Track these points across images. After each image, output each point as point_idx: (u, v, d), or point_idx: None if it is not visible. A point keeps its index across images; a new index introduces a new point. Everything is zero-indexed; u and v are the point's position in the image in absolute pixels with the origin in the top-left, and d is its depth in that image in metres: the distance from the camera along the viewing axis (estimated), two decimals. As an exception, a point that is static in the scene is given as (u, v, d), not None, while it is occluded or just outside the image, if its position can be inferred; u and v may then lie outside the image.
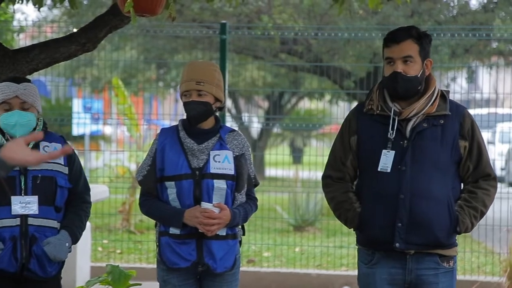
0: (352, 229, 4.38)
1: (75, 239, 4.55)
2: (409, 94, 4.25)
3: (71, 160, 4.57)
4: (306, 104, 25.28)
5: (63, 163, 4.54)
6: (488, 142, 20.57)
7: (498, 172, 19.58)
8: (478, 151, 4.29)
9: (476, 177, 4.29)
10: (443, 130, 4.24)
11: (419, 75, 4.25)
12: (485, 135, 20.70)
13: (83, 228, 4.60)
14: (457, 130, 4.25)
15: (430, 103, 4.26)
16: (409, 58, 4.23)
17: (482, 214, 4.28)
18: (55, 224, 4.51)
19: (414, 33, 4.27)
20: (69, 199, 4.57)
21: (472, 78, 15.27)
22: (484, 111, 19.82)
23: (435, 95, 4.27)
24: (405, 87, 4.23)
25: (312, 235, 11.65)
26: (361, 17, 13.27)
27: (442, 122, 4.25)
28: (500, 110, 21.93)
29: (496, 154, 19.86)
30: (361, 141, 4.31)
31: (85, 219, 4.62)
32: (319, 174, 4.51)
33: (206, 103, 4.47)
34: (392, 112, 4.24)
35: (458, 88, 17.89)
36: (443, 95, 4.30)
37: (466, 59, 14.26)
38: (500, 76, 12.35)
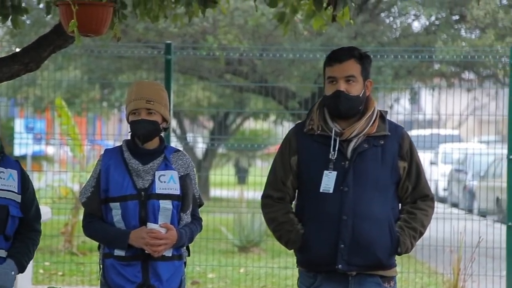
0: (292, 250, 4.36)
1: (21, 267, 4.46)
2: (350, 114, 4.25)
3: (25, 187, 4.47)
4: (251, 124, 25.32)
5: (16, 191, 4.45)
6: (431, 163, 20.80)
7: (441, 193, 19.80)
8: (416, 172, 4.29)
9: (415, 197, 4.29)
10: (383, 150, 4.25)
11: (360, 95, 4.25)
12: (428, 156, 21.01)
13: (30, 257, 4.51)
14: (396, 150, 4.26)
15: (370, 123, 4.26)
16: (352, 77, 4.24)
17: (421, 234, 4.28)
18: (2, 253, 4.42)
19: (356, 54, 4.29)
20: (18, 227, 4.49)
21: (415, 99, 15.43)
22: (426, 132, 20.06)
23: (374, 115, 4.28)
24: (347, 106, 4.23)
25: (257, 255, 11.64)
26: (305, 38, 13.36)
27: (382, 142, 4.25)
28: (442, 131, 22.22)
29: (439, 175, 20.06)
30: (301, 162, 4.29)
31: (33, 248, 4.53)
32: (264, 195, 4.47)
33: (155, 122, 4.44)
34: (333, 133, 4.25)
35: (401, 109, 18.06)
36: (382, 116, 4.32)
37: (409, 80, 14.43)
38: (442, 97, 12.50)
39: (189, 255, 4.60)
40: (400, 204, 4.34)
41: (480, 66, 13.96)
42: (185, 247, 4.55)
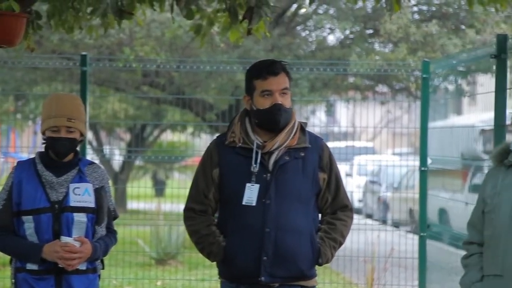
0: (210, 262, 4.38)
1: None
2: (284, 126, 4.29)
3: None
4: (168, 136, 25.25)
5: None
6: (346, 175, 21.05)
7: (356, 204, 20.05)
8: (336, 183, 4.35)
9: (334, 208, 4.35)
10: (304, 162, 4.29)
11: (291, 107, 4.32)
12: (343, 167, 21.27)
13: None
14: (316, 162, 4.31)
15: (291, 135, 4.30)
16: (286, 90, 4.28)
17: (341, 244, 4.36)
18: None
19: (284, 66, 4.34)
20: None
21: (330, 111, 15.63)
22: (342, 144, 20.31)
23: (295, 127, 4.33)
24: (285, 119, 4.27)
25: (174, 268, 11.60)
26: (222, 50, 13.41)
27: (303, 154, 4.30)
28: (357, 143, 22.52)
29: (354, 186, 20.33)
30: (223, 174, 4.31)
31: None
32: (182, 207, 4.50)
33: (74, 139, 4.44)
34: (254, 145, 4.27)
35: (317, 121, 18.26)
36: (302, 128, 4.36)
37: (324, 93, 14.60)
38: (357, 110, 12.69)
39: (103, 268, 4.58)
40: (320, 215, 4.39)
41: (393, 79, 14.22)
42: (99, 260, 4.53)
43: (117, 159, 20.36)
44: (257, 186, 4.24)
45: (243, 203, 4.24)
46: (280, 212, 4.24)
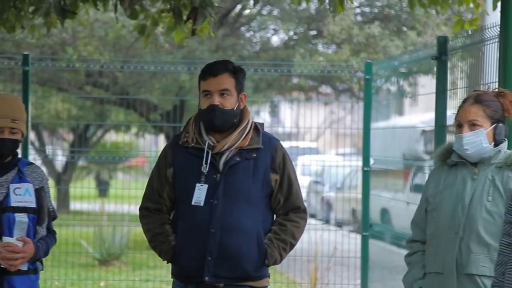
0: (166, 261, 4.40)
1: None
2: (225, 127, 4.29)
3: None
4: (112, 136, 25.10)
5: None
6: (291, 175, 21.10)
7: (300, 204, 20.11)
8: (288, 184, 4.34)
9: (287, 209, 4.35)
10: (255, 163, 4.29)
11: (235, 108, 4.29)
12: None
13: None
14: (268, 163, 4.30)
15: (243, 136, 4.30)
16: (226, 91, 4.27)
17: (292, 246, 4.35)
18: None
19: (230, 67, 4.33)
20: None
21: (274, 112, 15.69)
22: (286, 144, 20.27)
23: (248, 128, 4.32)
24: (222, 120, 4.27)
25: (118, 269, 11.55)
26: (166, 50, 13.39)
27: (255, 155, 4.29)
28: (301, 144, 22.60)
29: (298, 187, 20.38)
30: (176, 174, 4.32)
31: None
32: (126, 208, 4.50)
33: (17, 140, 4.45)
34: (206, 146, 4.28)
35: (261, 121, 18.30)
36: (257, 128, 4.35)
37: (269, 93, 14.65)
38: (301, 110, 12.76)
39: (42, 268, 4.57)
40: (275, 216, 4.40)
41: (337, 80, 14.34)
42: (39, 261, 4.52)
43: (60, 160, 20.18)
44: (205, 186, 4.25)
45: (192, 203, 4.25)
46: (226, 213, 4.25)
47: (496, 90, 4.19)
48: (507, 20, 4.66)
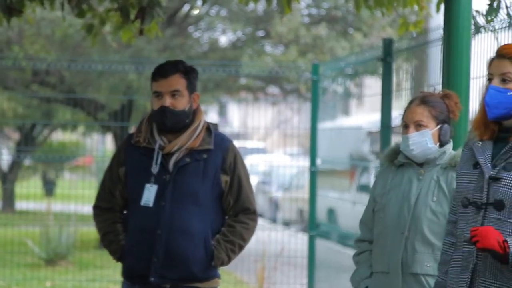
0: (116, 260, 4.40)
1: None
2: (177, 128, 4.28)
3: None
4: (59, 136, 24.87)
5: None
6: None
7: (248, 204, 20.17)
8: (238, 185, 4.34)
9: (237, 211, 4.35)
10: (206, 164, 4.29)
11: (186, 109, 4.28)
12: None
13: None
14: (219, 164, 4.30)
15: (194, 137, 4.29)
16: (177, 92, 4.27)
17: (241, 247, 4.36)
18: None
19: (181, 68, 4.33)
20: None
21: (222, 112, 15.71)
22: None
23: (199, 128, 4.31)
24: (173, 121, 4.26)
25: (64, 269, 11.47)
26: (114, 50, 13.32)
27: (205, 156, 4.29)
28: (249, 144, 22.67)
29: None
30: (128, 173, 4.32)
31: None
32: (72, 207, 4.50)
33: None
34: (156, 146, 4.28)
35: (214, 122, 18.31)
36: (209, 129, 4.35)
37: (217, 93, 14.66)
38: (248, 111, 12.80)
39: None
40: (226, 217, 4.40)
41: (284, 81, 14.39)
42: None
43: (5, 159, 19.96)
44: (155, 187, 4.25)
45: (141, 203, 4.26)
46: (173, 214, 4.25)
47: (442, 91, 4.26)
48: (450, 23, 4.73)
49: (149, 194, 4.25)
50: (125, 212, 4.41)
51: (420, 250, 4.07)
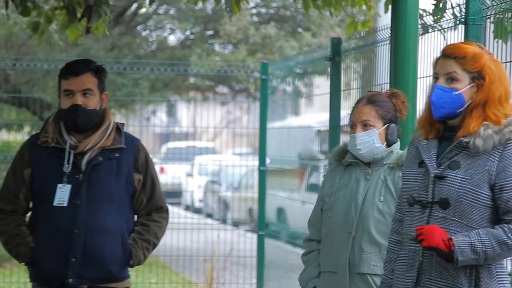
0: (24, 264, 4.30)
1: None
2: (88, 127, 4.25)
3: None
4: (3, 135, 24.55)
5: None
6: (187, 175, 21.12)
7: (197, 204, 20.14)
8: (151, 184, 4.34)
9: (149, 209, 4.34)
10: (118, 163, 4.27)
11: (97, 108, 4.26)
12: (184, 167, 21.34)
13: None
14: (131, 163, 4.29)
15: (106, 136, 4.27)
16: (89, 91, 4.23)
17: (155, 246, 4.35)
18: None
19: (92, 67, 4.29)
20: None
21: (171, 112, 15.64)
22: (183, 144, 20.31)
23: (110, 128, 4.30)
24: (85, 120, 4.23)
25: (9, 271, 11.31)
26: (61, 48, 13.19)
27: (118, 155, 4.27)
28: (198, 144, 22.62)
29: (195, 186, 20.39)
30: (35, 174, 4.25)
31: None
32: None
33: None
34: (67, 145, 4.23)
35: (158, 121, 18.22)
36: (118, 128, 4.34)
37: (165, 93, 14.60)
38: (198, 110, 12.75)
39: None
40: (136, 216, 4.39)
41: (233, 80, 14.38)
42: None
43: (-50, 159, 19.62)
44: (68, 186, 4.21)
45: (54, 204, 4.20)
46: (90, 213, 4.21)
47: (389, 90, 4.27)
48: (397, 22, 4.75)
49: (63, 194, 4.20)
50: (28, 215, 4.33)
51: (367, 250, 4.07)
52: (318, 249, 4.23)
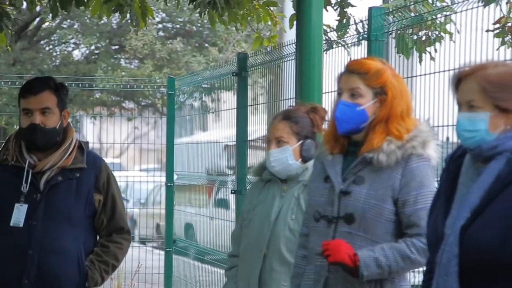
0: None
1: None
2: (48, 146, 4.18)
3: None
4: None
5: None
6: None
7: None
8: (112, 205, 4.27)
9: (110, 230, 4.28)
10: (78, 183, 4.20)
11: (57, 127, 4.18)
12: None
13: None
14: (92, 183, 4.22)
15: (66, 155, 4.20)
16: (47, 109, 4.16)
17: (114, 267, 4.28)
18: None
19: (51, 85, 4.21)
20: None
21: (77, 127, 15.42)
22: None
23: (72, 147, 4.22)
24: (44, 139, 4.15)
25: None
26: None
27: (78, 175, 4.20)
28: (104, 160, 22.43)
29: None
30: None
31: None
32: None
33: None
34: (26, 164, 4.16)
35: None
36: (81, 147, 4.26)
37: (70, 108, 14.41)
38: (103, 126, 12.63)
39: None
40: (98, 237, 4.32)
41: (140, 95, 14.30)
42: None
43: None
44: (25, 206, 4.14)
45: (11, 224, 4.12)
46: (46, 234, 4.14)
47: (310, 105, 4.21)
48: (301, 38, 4.78)
49: (19, 214, 4.13)
50: None
51: (277, 269, 4.03)
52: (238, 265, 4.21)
